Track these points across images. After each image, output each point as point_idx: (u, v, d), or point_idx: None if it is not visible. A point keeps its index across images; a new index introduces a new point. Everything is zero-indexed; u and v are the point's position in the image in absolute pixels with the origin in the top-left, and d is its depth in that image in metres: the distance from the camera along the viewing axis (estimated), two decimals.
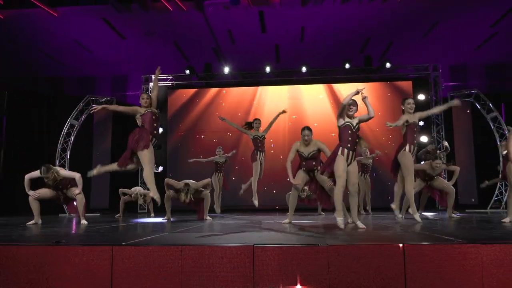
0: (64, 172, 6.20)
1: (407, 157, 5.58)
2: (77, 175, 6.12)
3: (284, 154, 11.42)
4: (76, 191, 6.12)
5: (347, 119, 4.88)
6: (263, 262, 2.84)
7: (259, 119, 8.29)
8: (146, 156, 5.11)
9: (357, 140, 4.86)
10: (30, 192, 5.97)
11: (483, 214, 8.25)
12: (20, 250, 3.07)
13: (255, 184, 7.61)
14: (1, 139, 10.11)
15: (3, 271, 2.98)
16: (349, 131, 4.80)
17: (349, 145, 4.77)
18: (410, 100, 5.87)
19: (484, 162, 10.47)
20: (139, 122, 5.43)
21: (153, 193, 5.15)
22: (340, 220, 4.72)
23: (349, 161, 4.79)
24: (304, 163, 5.53)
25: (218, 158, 9.06)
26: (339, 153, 4.77)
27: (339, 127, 4.89)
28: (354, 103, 4.96)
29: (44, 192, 6.11)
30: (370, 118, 4.90)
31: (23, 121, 10.99)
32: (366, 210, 8.98)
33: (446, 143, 8.20)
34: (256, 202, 7.35)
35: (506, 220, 5.39)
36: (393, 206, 6.08)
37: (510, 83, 12.08)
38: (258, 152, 7.90)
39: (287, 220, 5.73)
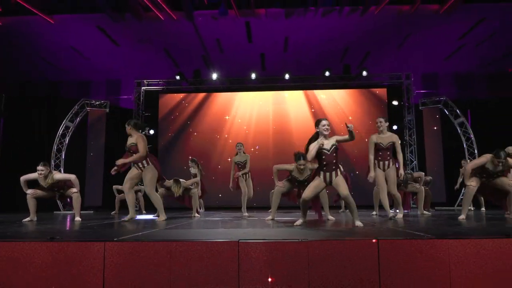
0: (59, 176, 6.10)
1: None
2: (72, 176, 6.04)
3: (269, 157, 11.47)
4: (74, 190, 6.05)
5: (321, 144, 4.53)
6: (248, 256, 2.84)
7: (241, 143, 8.15)
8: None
9: (334, 161, 4.50)
10: (28, 191, 5.87)
11: (451, 212, 8.39)
12: (16, 246, 3.01)
13: (244, 201, 7.69)
14: None
15: (3, 266, 2.93)
16: (323, 156, 4.51)
17: (324, 168, 4.53)
18: (381, 119, 6.03)
19: (452, 164, 10.67)
20: None
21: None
22: (299, 222, 4.74)
23: (328, 180, 4.53)
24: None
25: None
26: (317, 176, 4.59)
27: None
28: (328, 123, 4.66)
29: (41, 191, 6.01)
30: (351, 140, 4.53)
31: (20, 123, 10.82)
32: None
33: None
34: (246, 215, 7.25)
35: (461, 217, 5.40)
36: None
37: (476, 92, 12.31)
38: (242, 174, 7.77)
39: (270, 217, 5.71)
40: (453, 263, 2.81)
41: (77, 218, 5.98)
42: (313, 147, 4.51)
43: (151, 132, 12.10)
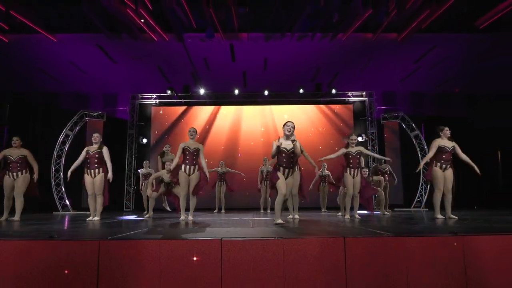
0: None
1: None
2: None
3: (259, 161, 11.43)
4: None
5: (280, 143, 4.65)
6: (229, 253, 2.82)
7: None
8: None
9: (292, 160, 4.68)
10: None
11: (408, 212, 8.53)
12: (17, 244, 2.91)
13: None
14: (2, 147, 9.61)
15: (3, 264, 2.82)
16: (283, 154, 4.69)
17: (284, 165, 4.71)
18: (353, 136, 6.16)
19: (409, 170, 10.91)
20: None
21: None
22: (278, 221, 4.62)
23: (285, 175, 4.73)
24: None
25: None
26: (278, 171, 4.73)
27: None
28: (292, 126, 4.74)
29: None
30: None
31: (23, 131, 10.49)
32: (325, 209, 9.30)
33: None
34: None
35: (438, 216, 5.48)
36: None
37: (429, 108, 12.65)
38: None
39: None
40: (410, 258, 2.86)
41: (96, 218, 5.89)
42: (273, 147, 4.65)
43: (144, 141, 11.94)
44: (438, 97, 12.71)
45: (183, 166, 5.61)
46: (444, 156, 5.62)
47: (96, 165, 5.87)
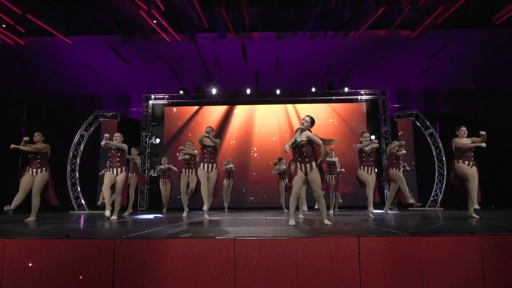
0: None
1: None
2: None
3: (271, 160, 11.44)
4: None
5: (297, 137, 4.57)
6: (243, 252, 2.83)
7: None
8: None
9: (304, 154, 4.50)
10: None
11: (422, 212, 8.41)
12: (35, 243, 2.97)
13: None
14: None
15: (22, 262, 2.88)
16: (295, 148, 4.58)
17: (299, 159, 4.55)
18: (366, 134, 6.12)
19: (423, 169, 10.75)
20: None
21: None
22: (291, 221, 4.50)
23: (303, 171, 4.54)
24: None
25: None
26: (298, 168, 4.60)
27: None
28: (307, 119, 4.64)
29: None
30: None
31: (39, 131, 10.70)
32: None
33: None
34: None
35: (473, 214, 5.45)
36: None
37: (444, 106, 12.43)
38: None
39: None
40: (424, 258, 2.82)
41: (113, 217, 5.93)
42: (290, 142, 4.63)
43: (157, 140, 12.06)
44: (453, 94, 12.48)
45: (201, 164, 5.87)
46: (465, 154, 5.59)
47: (118, 164, 5.98)
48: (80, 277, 2.82)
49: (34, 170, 5.79)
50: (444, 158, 10.42)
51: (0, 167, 9.74)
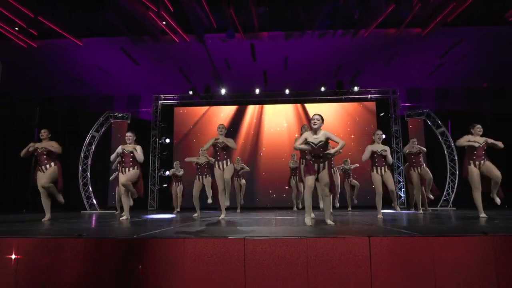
0: None
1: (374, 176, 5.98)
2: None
3: (280, 159, 11.47)
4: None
5: (309, 138, 4.53)
6: (253, 251, 2.83)
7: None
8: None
9: (320, 154, 4.44)
10: None
11: (434, 212, 8.31)
12: (48, 242, 3.01)
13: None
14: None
15: (36, 260, 2.93)
16: (311, 148, 4.50)
17: (312, 159, 4.49)
18: (379, 132, 6.11)
19: (434, 169, 10.59)
20: None
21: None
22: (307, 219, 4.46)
23: (316, 169, 4.48)
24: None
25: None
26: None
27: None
28: (317, 118, 4.55)
29: None
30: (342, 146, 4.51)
31: (52, 132, 10.86)
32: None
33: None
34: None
35: (482, 215, 5.35)
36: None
37: (455, 104, 12.26)
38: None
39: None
40: (437, 258, 2.78)
41: (125, 216, 5.95)
42: (300, 140, 4.55)
43: (167, 140, 12.15)
44: (465, 92, 12.31)
45: (216, 163, 5.83)
46: (475, 152, 5.52)
47: (131, 164, 5.96)
48: (93, 275, 2.85)
49: (43, 166, 5.82)
50: (456, 157, 10.28)
51: (14, 167, 9.92)
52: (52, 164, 5.85)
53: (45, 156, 5.84)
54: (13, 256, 2.95)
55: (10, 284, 2.90)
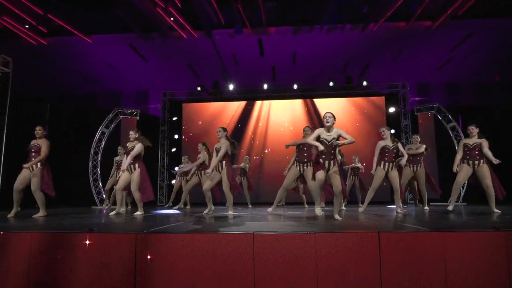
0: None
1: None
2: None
3: (288, 156, 11.44)
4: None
5: (322, 135, 4.59)
6: (262, 246, 2.83)
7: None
8: None
9: (332, 152, 4.52)
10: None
11: (444, 207, 8.22)
12: (59, 236, 3.06)
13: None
14: None
15: (48, 255, 2.98)
16: (324, 145, 4.54)
17: (323, 156, 4.55)
18: (384, 128, 6.09)
19: (445, 164, 10.48)
20: None
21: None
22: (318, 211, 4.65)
23: (326, 167, 4.57)
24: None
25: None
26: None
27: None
28: (329, 115, 4.61)
29: None
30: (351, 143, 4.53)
31: (62, 129, 11.00)
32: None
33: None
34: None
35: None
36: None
37: (466, 98, 12.09)
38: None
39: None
40: (447, 254, 2.76)
41: (139, 212, 6.02)
42: (312, 137, 4.61)
43: (176, 136, 12.21)
44: (475, 86, 12.12)
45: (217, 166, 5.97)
46: (468, 153, 5.74)
47: (132, 161, 6.04)
48: (104, 270, 2.89)
49: (33, 166, 5.60)
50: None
51: (25, 163, 10.05)
52: (40, 164, 5.64)
53: (33, 154, 5.65)
54: (26, 250, 3.00)
55: (23, 278, 2.95)
